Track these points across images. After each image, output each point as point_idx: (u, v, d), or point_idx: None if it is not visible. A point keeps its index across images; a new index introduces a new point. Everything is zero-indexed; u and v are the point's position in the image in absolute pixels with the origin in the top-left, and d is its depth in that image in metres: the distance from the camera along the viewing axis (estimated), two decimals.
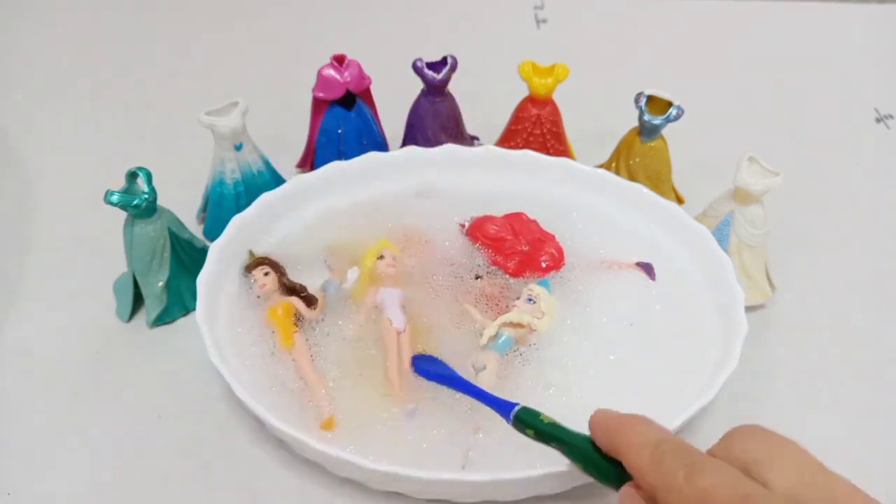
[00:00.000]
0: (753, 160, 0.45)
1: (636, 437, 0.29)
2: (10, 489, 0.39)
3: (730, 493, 0.25)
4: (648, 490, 0.28)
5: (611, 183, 0.49)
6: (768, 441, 0.27)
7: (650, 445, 0.28)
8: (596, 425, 0.31)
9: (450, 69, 0.51)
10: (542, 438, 0.33)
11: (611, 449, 0.30)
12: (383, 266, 0.44)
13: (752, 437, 0.28)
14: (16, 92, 0.67)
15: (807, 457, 0.27)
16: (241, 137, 0.49)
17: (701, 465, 0.26)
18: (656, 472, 0.27)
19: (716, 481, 0.26)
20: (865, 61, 0.74)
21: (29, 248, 0.52)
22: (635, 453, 0.28)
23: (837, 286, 0.50)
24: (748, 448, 0.27)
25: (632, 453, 0.29)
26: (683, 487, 0.26)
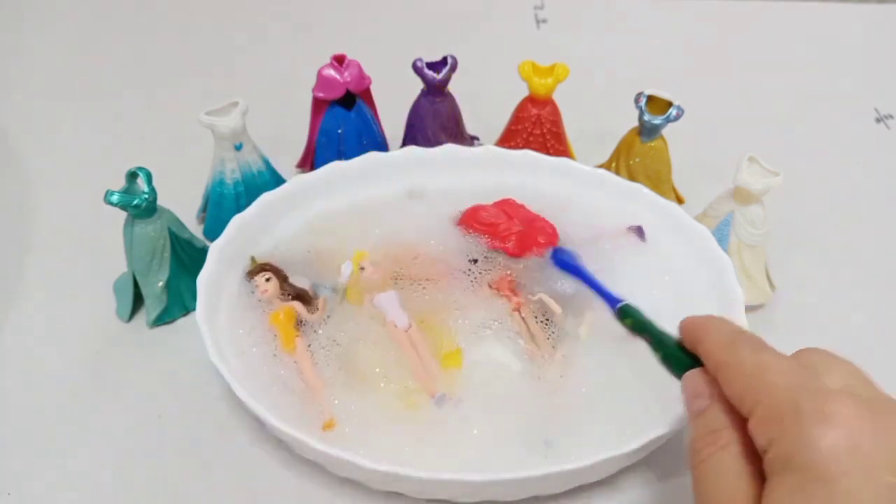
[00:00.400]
0: (753, 160, 0.45)
1: (716, 325, 0.32)
2: (10, 489, 0.39)
3: (786, 368, 0.28)
4: (713, 369, 0.30)
5: (611, 183, 0.49)
6: (830, 356, 0.30)
7: (728, 334, 0.31)
8: (685, 321, 0.34)
9: (450, 69, 0.51)
10: (636, 329, 0.37)
11: (692, 339, 0.32)
12: (367, 276, 0.44)
13: (816, 351, 0.30)
14: (16, 92, 0.67)
15: (860, 372, 0.29)
16: (241, 137, 0.49)
17: (769, 349, 0.29)
18: (729, 350, 0.30)
19: (777, 359, 0.28)
20: (865, 61, 0.74)
21: (29, 248, 0.52)
22: (713, 338, 0.31)
23: (837, 286, 0.50)
24: (813, 357, 0.30)
25: (710, 339, 0.31)
26: (748, 359, 0.29)
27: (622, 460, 0.36)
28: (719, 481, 0.28)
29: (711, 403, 0.30)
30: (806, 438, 0.25)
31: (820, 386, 0.27)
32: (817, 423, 0.25)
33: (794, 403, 0.26)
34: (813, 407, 0.25)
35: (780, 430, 0.26)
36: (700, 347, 0.32)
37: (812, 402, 0.26)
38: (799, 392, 0.26)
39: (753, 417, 0.27)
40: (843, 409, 0.25)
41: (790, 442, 0.25)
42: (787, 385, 0.27)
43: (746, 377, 0.28)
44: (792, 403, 0.26)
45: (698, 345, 0.32)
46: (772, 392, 0.27)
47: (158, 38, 0.75)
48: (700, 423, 0.30)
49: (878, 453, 0.24)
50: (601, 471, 0.37)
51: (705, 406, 0.30)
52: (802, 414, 0.25)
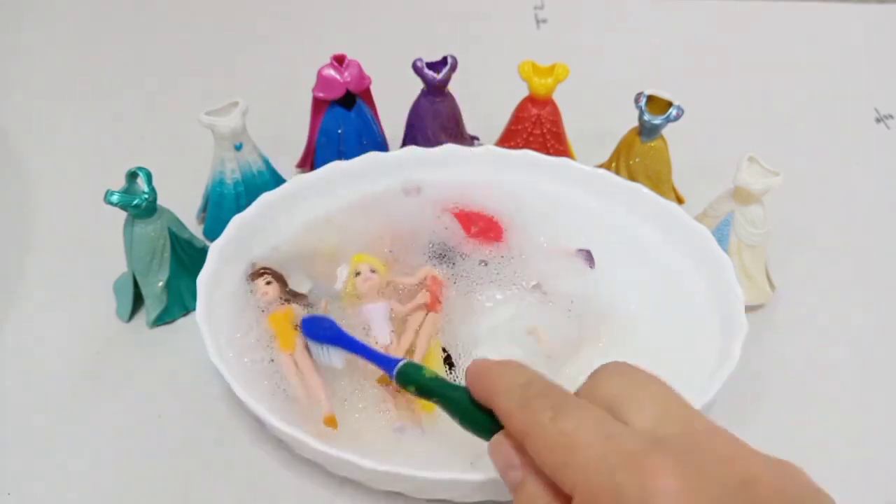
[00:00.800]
0: (753, 160, 0.45)
1: (505, 380, 0.29)
2: (10, 489, 0.39)
3: (592, 434, 0.25)
4: (517, 435, 0.28)
5: (611, 183, 0.49)
6: (631, 380, 0.28)
7: (518, 388, 0.28)
8: (470, 374, 0.31)
9: (450, 69, 0.51)
10: (423, 393, 0.33)
11: (483, 396, 0.30)
12: (361, 282, 0.43)
13: (616, 376, 0.28)
14: (16, 92, 0.67)
15: (668, 393, 0.27)
16: (241, 137, 0.49)
17: (566, 408, 0.26)
18: (523, 414, 0.27)
19: (579, 424, 0.26)
20: (865, 61, 0.74)
21: (29, 248, 0.52)
22: (504, 397, 0.28)
23: (837, 286, 0.50)
24: (612, 387, 0.28)
25: (501, 397, 0.29)
26: (549, 430, 0.26)
27: None
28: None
29: (525, 474, 0.27)
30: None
31: (634, 450, 0.24)
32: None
33: (614, 486, 0.24)
34: (634, 486, 0.23)
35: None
36: (493, 405, 0.29)
37: (633, 481, 0.23)
38: (615, 470, 0.24)
39: (576, 500, 0.25)
40: (665, 482, 0.23)
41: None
42: (599, 462, 0.24)
43: (555, 453, 0.26)
44: (612, 487, 0.24)
45: (489, 400, 0.29)
46: (586, 474, 0.25)
47: (158, 38, 0.75)
48: (521, 498, 0.27)
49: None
50: None
51: (520, 477, 0.27)
52: (625, 498, 0.23)
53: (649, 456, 0.24)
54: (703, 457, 0.24)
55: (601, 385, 0.28)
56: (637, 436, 0.25)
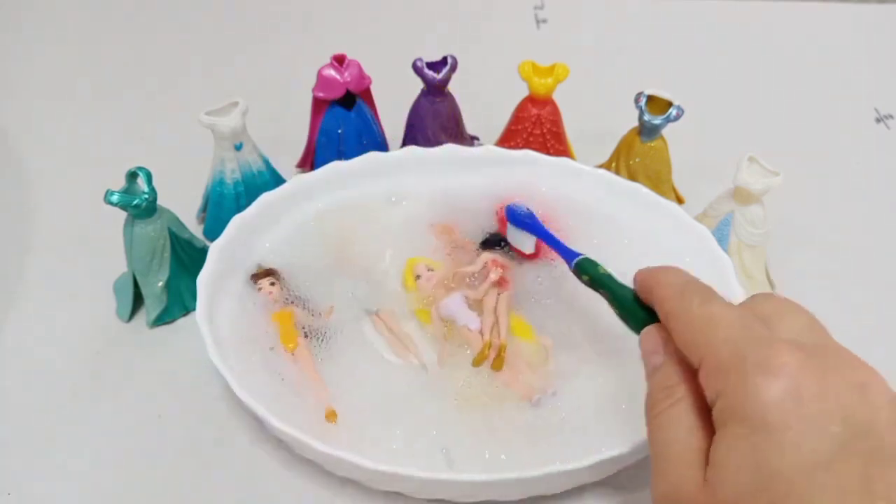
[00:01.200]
0: (753, 160, 0.45)
1: (669, 275, 0.32)
2: (10, 489, 0.39)
3: (733, 319, 0.28)
4: (666, 318, 0.30)
5: (611, 183, 0.49)
6: (783, 303, 0.30)
7: (679, 283, 0.31)
8: (639, 273, 0.34)
9: (450, 69, 0.51)
10: (594, 284, 0.37)
11: (647, 288, 0.33)
12: (425, 282, 0.44)
13: (770, 300, 0.30)
14: (16, 92, 0.67)
15: (813, 319, 0.29)
16: (241, 137, 0.49)
17: (717, 299, 0.29)
18: (678, 300, 0.30)
19: (724, 310, 0.28)
20: (865, 61, 0.74)
21: (29, 248, 0.52)
22: (664, 288, 0.31)
23: (837, 286, 0.50)
24: (765, 305, 0.29)
25: (661, 288, 0.31)
26: (695, 310, 0.29)
27: (622, 460, 0.36)
28: (671, 435, 0.28)
29: (666, 359, 0.30)
30: (750, 390, 0.25)
31: (766, 336, 0.27)
32: (761, 374, 0.25)
33: (739, 355, 0.26)
34: (757, 358, 0.25)
35: (726, 383, 0.26)
36: (653, 298, 0.32)
37: (757, 354, 0.25)
38: (744, 344, 0.26)
39: (702, 370, 0.27)
40: (787, 360, 0.25)
41: (735, 394, 0.25)
42: (732, 337, 0.27)
43: (694, 329, 0.28)
44: (737, 356, 0.26)
45: (650, 294, 0.32)
46: (718, 345, 0.27)
47: (158, 38, 0.75)
48: (656, 378, 0.30)
49: (822, 403, 0.24)
50: (601, 471, 0.37)
51: (661, 362, 0.30)
52: (747, 366, 0.25)
53: (779, 343, 0.26)
54: (830, 359, 0.26)
55: (756, 303, 0.30)
56: (773, 333, 0.27)
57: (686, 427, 0.27)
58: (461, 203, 0.50)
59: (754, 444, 0.24)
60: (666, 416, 0.28)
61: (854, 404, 0.24)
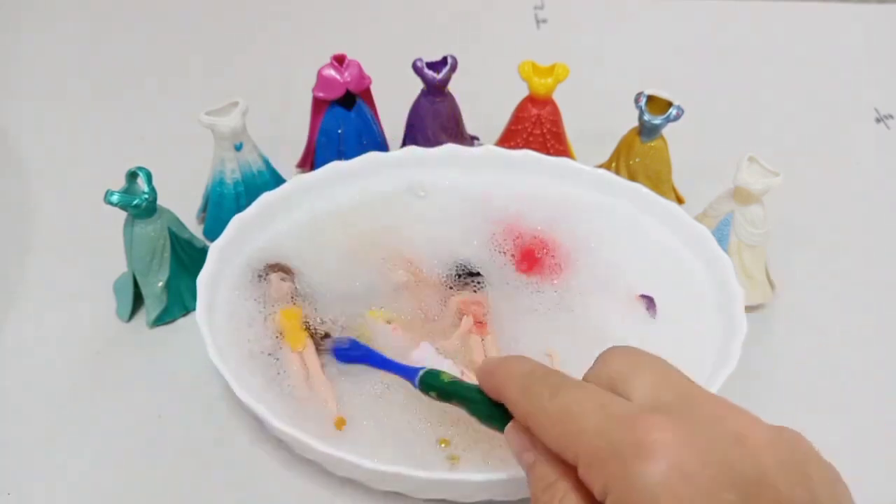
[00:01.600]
0: (753, 160, 0.45)
1: (510, 371, 0.30)
2: (11, 489, 0.39)
3: (589, 405, 0.26)
4: (523, 419, 0.29)
5: (611, 183, 0.49)
6: (632, 359, 0.29)
7: (521, 376, 0.29)
8: (479, 371, 0.32)
9: (450, 69, 0.51)
10: (443, 398, 0.34)
11: (492, 390, 0.31)
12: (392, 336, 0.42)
13: (619, 356, 0.29)
14: (16, 92, 0.67)
15: (667, 368, 0.28)
16: (241, 137, 0.49)
17: (564, 387, 0.28)
18: (526, 398, 0.29)
19: (577, 396, 0.27)
20: (865, 61, 0.74)
21: (29, 248, 0.52)
22: (509, 386, 0.30)
23: (837, 286, 0.50)
24: (614, 366, 0.29)
25: (507, 387, 0.30)
26: (548, 407, 0.27)
27: None
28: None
29: (537, 456, 0.28)
30: (634, 480, 0.23)
31: (628, 413, 0.25)
32: (639, 459, 0.23)
33: (611, 445, 0.24)
34: (630, 443, 0.24)
35: (608, 477, 0.24)
36: (502, 397, 0.30)
37: (627, 437, 0.24)
38: (611, 430, 0.25)
39: (580, 467, 0.26)
40: (657, 435, 0.24)
41: (621, 487, 0.24)
42: (597, 426, 0.25)
43: (555, 428, 0.27)
44: (609, 446, 0.25)
45: (500, 397, 0.31)
46: (585, 439, 0.25)
47: (158, 38, 0.75)
48: (534, 479, 0.28)
49: (708, 471, 0.23)
50: None
51: (533, 460, 0.29)
52: (622, 453, 0.24)
53: (643, 415, 0.25)
54: (698, 415, 0.25)
55: (604, 365, 0.29)
56: (633, 404, 0.26)
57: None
58: (465, 203, 0.50)
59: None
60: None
61: (738, 460, 0.24)
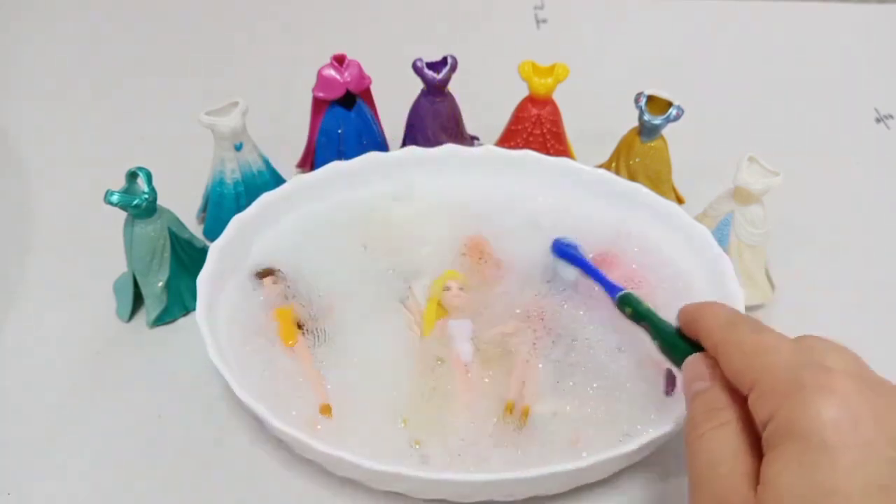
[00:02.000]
0: (753, 160, 0.45)
1: (716, 309, 0.33)
2: (11, 489, 0.39)
3: (787, 348, 0.28)
4: (714, 347, 0.31)
5: (611, 183, 0.49)
6: (829, 342, 0.30)
7: (728, 314, 0.32)
8: (684, 308, 0.34)
9: (450, 69, 0.51)
10: (635, 318, 0.38)
11: (692, 322, 0.33)
12: (450, 297, 0.44)
13: (817, 339, 0.30)
14: (16, 92, 0.67)
15: (858, 358, 0.29)
16: (241, 137, 0.49)
17: (767, 329, 0.30)
18: (728, 329, 0.30)
19: (777, 339, 0.29)
20: (865, 61, 0.74)
21: (29, 248, 0.52)
22: (712, 319, 0.32)
23: (837, 286, 0.50)
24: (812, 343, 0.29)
25: (708, 320, 0.32)
26: (748, 338, 0.29)
27: (622, 460, 0.36)
28: (717, 456, 0.28)
29: (712, 384, 0.30)
30: (808, 409, 0.25)
31: (821, 363, 0.27)
32: (820, 395, 0.25)
33: (796, 378, 0.26)
34: (815, 381, 0.26)
35: (782, 403, 0.26)
36: (699, 330, 0.32)
37: (813, 377, 0.26)
38: (800, 368, 0.27)
39: (754, 393, 0.27)
40: (844, 385, 0.26)
41: (792, 412, 0.25)
42: (787, 363, 0.27)
43: (746, 355, 0.29)
44: (793, 378, 0.26)
45: (697, 327, 0.32)
46: (772, 369, 0.27)
47: (158, 38, 0.75)
48: (700, 401, 0.30)
49: (879, 427, 0.25)
50: (601, 471, 0.37)
51: (706, 387, 0.30)
52: (804, 386, 0.26)
53: (834, 371, 0.26)
54: (881, 390, 0.27)
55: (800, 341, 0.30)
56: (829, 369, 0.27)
57: (733, 449, 0.28)
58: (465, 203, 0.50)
59: (811, 462, 0.24)
60: (711, 437, 0.28)
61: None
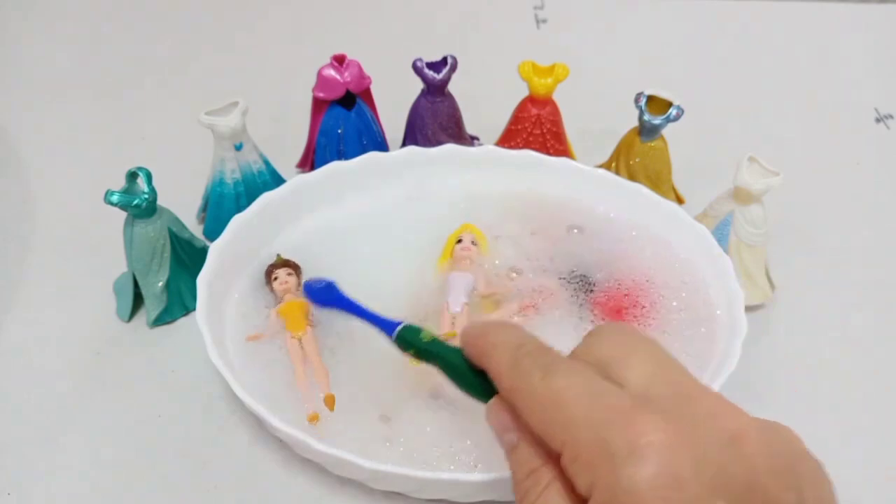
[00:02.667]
0: (753, 160, 0.45)
1: (499, 341, 0.29)
2: (11, 489, 0.39)
3: (582, 392, 0.25)
4: (507, 395, 0.28)
5: (611, 183, 0.49)
6: (625, 340, 0.28)
7: (511, 348, 0.28)
8: (465, 335, 0.31)
9: (450, 69, 0.51)
10: (421, 357, 0.33)
11: (477, 356, 0.30)
12: (458, 250, 0.46)
13: (611, 335, 0.28)
14: (16, 92, 0.67)
15: (662, 355, 0.27)
16: (241, 137, 0.49)
17: (556, 367, 0.26)
18: (514, 374, 0.27)
19: (570, 382, 0.26)
20: (865, 61, 0.74)
21: (29, 248, 0.52)
22: (496, 357, 0.28)
23: (837, 286, 0.50)
24: (606, 347, 0.27)
25: (493, 358, 0.28)
26: (538, 388, 0.26)
27: None
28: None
29: (520, 437, 0.27)
30: (623, 483, 0.22)
31: (622, 408, 0.24)
32: (629, 462, 0.23)
33: (601, 441, 0.23)
34: (621, 442, 0.23)
35: (595, 475, 0.23)
36: (486, 366, 0.29)
37: (619, 435, 0.23)
38: (602, 425, 0.24)
39: (564, 458, 0.25)
40: (652, 437, 0.23)
41: (608, 488, 0.23)
42: (588, 418, 0.24)
43: (544, 411, 0.26)
44: (598, 442, 0.23)
45: (482, 362, 0.29)
46: (574, 430, 0.24)
47: (158, 37, 0.75)
48: (515, 461, 0.27)
49: (701, 477, 0.22)
50: None
51: (516, 440, 0.27)
52: (612, 453, 0.23)
53: (637, 412, 0.24)
54: (692, 413, 0.24)
55: (596, 345, 0.28)
56: (626, 394, 0.25)
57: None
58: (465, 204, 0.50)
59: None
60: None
61: (730, 462, 0.23)
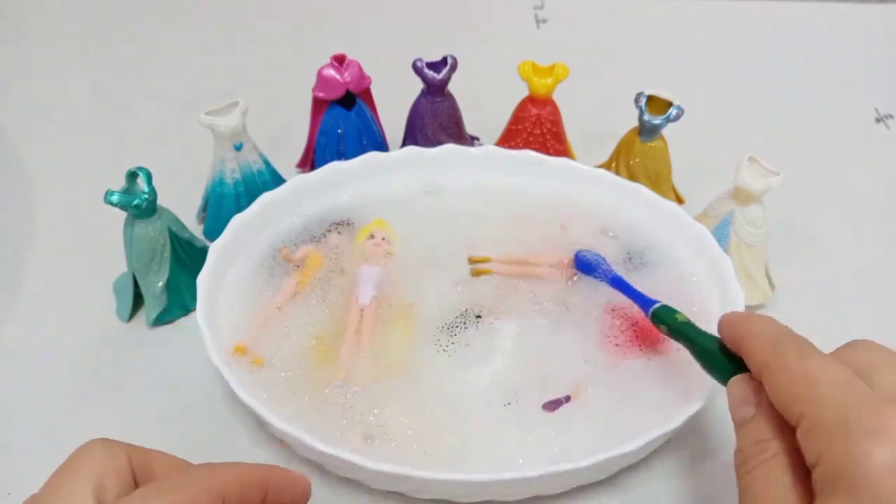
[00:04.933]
0: (753, 160, 0.45)
1: (760, 326, 0.31)
2: (11, 489, 0.39)
3: (834, 379, 0.26)
4: (758, 370, 0.29)
5: (611, 183, 0.49)
6: (884, 353, 0.28)
7: (771, 334, 0.30)
8: (727, 319, 0.33)
9: (450, 69, 0.51)
10: (672, 334, 0.37)
11: (734, 339, 0.32)
12: (370, 245, 0.46)
13: (869, 348, 0.29)
14: (16, 92, 0.67)
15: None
16: (241, 137, 0.49)
17: (814, 351, 0.28)
18: (773, 351, 0.29)
19: (824, 366, 0.27)
20: (865, 61, 0.74)
21: (29, 248, 0.52)
22: (755, 338, 0.30)
23: (837, 286, 0.50)
24: (861, 354, 0.28)
25: (752, 339, 0.30)
26: (792, 365, 0.28)
27: (622, 460, 0.36)
28: (767, 494, 0.27)
29: (758, 411, 0.29)
30: (856, 455, 0.23)
31: (871, 397, 0.25)
32: (868, 439, 0.24)
33: (843, 417, 0.25)
34: (863, 421, 0.24)
35: (829, 445, 0.24)
36: (742, 348, 0.31)
37: (862, 416, 0.24)
38: (848, 405, 0.25)
39: (800, 428, 0.26)
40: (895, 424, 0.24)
41: (839, 458, 0.24)
42: (835, 397, 0.26)
43: (793, 385, 0.27)
44: (841, 417, 0.25)
45: (740, 345, 0.31)
46: (819, 404, 0.26)
47: (158, 37, 0.75)
48: (746, 431, 0.29)
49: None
50: (601, 471, 0.37)
51: (751, 414, 0.29)
52: (852, 428, 0.24)
53: (885, 403, 0.25)
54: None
55: (851, 353, 0.29)
56: (876, 392, 0.26)
57: (783, 485, 0.26)
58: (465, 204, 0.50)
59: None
60: (761, 473, 0.27)
61: None
